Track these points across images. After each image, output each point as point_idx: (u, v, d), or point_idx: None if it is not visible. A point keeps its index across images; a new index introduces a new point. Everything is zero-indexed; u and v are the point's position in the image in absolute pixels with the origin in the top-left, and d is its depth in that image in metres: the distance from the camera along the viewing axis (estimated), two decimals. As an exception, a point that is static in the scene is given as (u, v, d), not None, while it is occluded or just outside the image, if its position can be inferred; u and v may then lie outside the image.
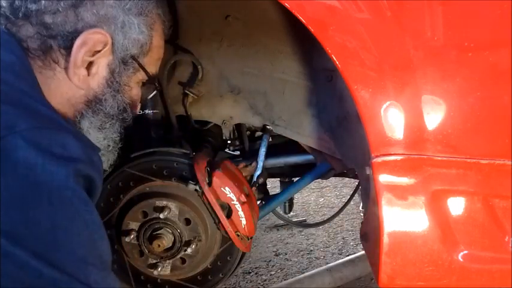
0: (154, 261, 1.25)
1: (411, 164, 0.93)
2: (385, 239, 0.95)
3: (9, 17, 0.79)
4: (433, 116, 0.90)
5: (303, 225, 2.77)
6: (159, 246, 1.20)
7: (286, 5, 0.90)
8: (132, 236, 1.23)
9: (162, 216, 1.19)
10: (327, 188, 3.77)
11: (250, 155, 1.54)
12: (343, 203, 1.88)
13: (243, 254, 1.32)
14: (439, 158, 0.92)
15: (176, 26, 1.31)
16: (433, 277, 0.96)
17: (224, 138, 1.62)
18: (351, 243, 2.74)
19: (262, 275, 2.43)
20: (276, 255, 2.65)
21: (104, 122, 0.90)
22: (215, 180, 1.18)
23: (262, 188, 1.53)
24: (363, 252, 2.33)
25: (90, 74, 0.85)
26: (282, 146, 1.58)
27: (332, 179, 3.43)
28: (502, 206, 0.94)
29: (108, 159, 0.97)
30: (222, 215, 1.18)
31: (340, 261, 2.32)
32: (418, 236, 0.95)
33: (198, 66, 1.37)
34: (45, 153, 0.65)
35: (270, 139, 1.53)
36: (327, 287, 2.15)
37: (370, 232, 1.06)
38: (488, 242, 0.95)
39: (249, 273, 2.45)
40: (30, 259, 0.61)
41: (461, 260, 0.96)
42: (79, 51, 0.81)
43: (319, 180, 1.64)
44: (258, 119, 1.45)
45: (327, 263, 2.40)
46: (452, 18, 0.88)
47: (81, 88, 0.85)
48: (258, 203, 1.46)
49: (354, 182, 2.48)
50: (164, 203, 1.21)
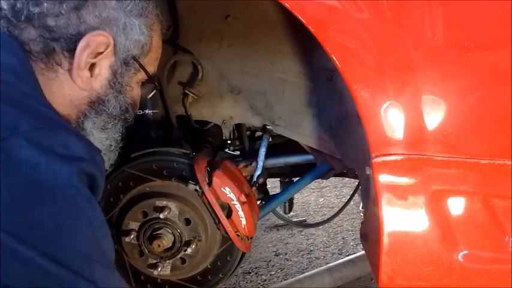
0: (154, 261, 1.25)
1: (411, 164, 0.93)
2: (385, 239, 0.95)
3: (11, 19, 0.79)
4: (433, 116, 0.90)
5: (303, 225, 2.77)
6: (159, 246, 1.20)
7: (286, 5, 0.90)
8: (132, 236, 1.23)
9: (162, 216, 1.19)
10: (327, 188, 3.77)
11: (250, 155, 1.54)
12: (343, 203, 1.88)
13: (243, 254, 1.32)
14: (439, 158, 0.92)
15: (176, 26, 1.31)
16: (433, 277, 0.96)
17: (224, 138, 1.62)
18: (351, 243, 2.74)
19: (262, 275, 2.43)
20: (276, 255, 2.65)
21: (107, 122, 0.91)
22: (215, 180, 1.18)
23: (262, 188, 1.53)
24: (363, 252, 2.33)
25: (93, 75, 0.85)
26: (282, 146, 1.58)
27: (332, 179, 3.43)
28: (502, 206, 0.94)
29: (109, 159, 0.97)
30: (222, 215, 1.18)
31: (340, 261, 2.32)
32: (418, 236, 0.95)
33: (198, 66, 1.37)
34: (48, 153, 0.66)
35: (270, 139, 1.53)
36: (327, 287, 2.15)
37: (370, 232, 1.06)
38: (488, 242, 0.95)
39: (249, 273, 2.45)
40: (36, 257, 0.62)
41: (461, 260, 0.96)
42: (82, 54, 0.81)
43: (319, 180, 1.64)
44: (258, 119, 1.45)
45: (327, 263, 2.40)
46: (452, 18, 0.88)
47: (84, 89, 0.85)
48: (258, 203, 1.46)
49: (354, 182, 2.48)
50: (164, 203, 1.21)
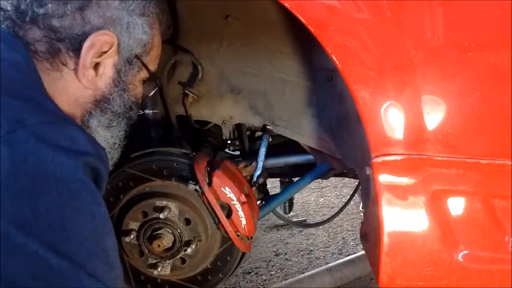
0: (154, 261, 1.25)
1: (411, 164, 0.93)
2: (385, 239, 0.95)
3: (15, 20, 0.80)
4: (433, 116, 0.90)
5: (303, 225, 2.77)
6: (159, 246, 1.20)
7: (286, 5, 0.90)
8: (132, 236, 1.23)
9: (162, 216, 1.19)
10: (327, 188, 3.77)
11: (250, 155, 1.54)
12: (343, 203, 1.88)
13: (243, 254, 1.32)
14: (439, 158, 0.92)
15: (176, 26, 1.31)
16: (433, 277, 0.96)
17: (224, 138, 1.62)
18: (351, 243, 2.74)
19: (262, 275, 2.43)
20: (276, 255, 2.65)
21: (112, 120, 0.92)
22: (215, 180, 1.18)
23: (262, 188, 1.53)
24: (363, 252, 2.33)
25: (98, 74, 0.86)
26: (282, 146, 1.58)
27: (332, 179, 3.42)
28: (502, 206, 0.94)
29: (112, 158, 0.98)
30: (222, 215, 1.18)
31: (340, 261, 2.32)
32: (418, 236, 0.95)
33: (198, 66, 1.37)
34: (55, 146, 0.66)
35: (270, 139, 1.53)
36: (327, 287, 2.15)
37: (370, 232, 1.06)
38: (488, 242, 0.95)
39: (249, 273, 2.45)
40: (39, 249, 0.62)
41: (461, 260, 0.96)
42: (88, 53, 0.82)
43: (319, 180, 1.64)
44: (258, 119, 1.45)
45: (327, 263, 2.40)
46: (452, 18, 0.88)
47: (90, 88, 0.86)
48: (258, 203, 1.46)
49: (354, 182, 2.47)
50: (164, 203, 1.21)
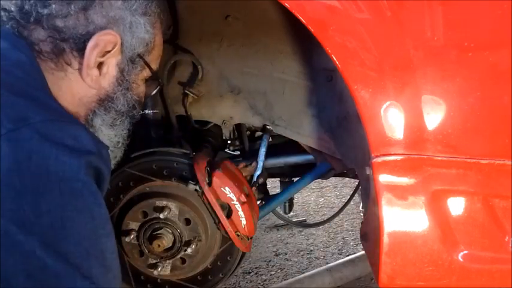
0: (154, 261, 1.25)
1: (411, 164, 0.93)
2: (385, 239, 0.95)
3: (20, 21, 0.81)
4: (433, 116, 0.90)
5: (303, 225, 2.77)
6: (159, 246, 1.20)
7: (286, 5, 0.90)
8: (132, 236, 1.23)
9: (162, 216, 1.19)
10: (327, 188, 3.77)
11: (250, 155, 1.54)
12: (343, 203, 1.88)
13: (243, 254, 1.32)
14: (439, 158, 0.92)
15: (176, 26, 1.31)
16: (433, 277, 0.96)
17: (224, 138, 1.62)
18: (351, 243, 2.74)
19: (262, 275, 2.43)
20: (276, 255, 2.65)
21: (115, 119, 0.93)
22: (215, 180, 1.18)
23: (262, 188, 1.53)
24: (363, 252, 2.33)
25: (101, 73, 0.87)
26: (282, 146, 1.58)
27: (332, 179, 3.43)
28: (502, 206, 0.94)
29: (116, 156, 0.98)
30: (222, 215, 1.18)
31: (340, 261, 2.32)
32: (418, 236, 0.95)
33: (198, 66, 1.37)
34: (58, 145, 0.67)
35: (270, 139, 1.53)
36: (327, 287, 2.15)
37: (370, 232, 1.06)
38: (488, 242, 0.95)
39: (249, 273, 2.45)
40: (37, 249, 0.62)
41: (461, 260, 0.96)
42: (92, 53, 0.82)
43: (319, 180, 1.64)
44: (258, 119, 1.45)
45: (327, 263, 2.40)
46: (452, 18, 0.88)
47: (94, 88, 0.87)
48: (258, 203, 1.46)
49: (354, 182, 2.47)
50: (164, 203, 1.21)
